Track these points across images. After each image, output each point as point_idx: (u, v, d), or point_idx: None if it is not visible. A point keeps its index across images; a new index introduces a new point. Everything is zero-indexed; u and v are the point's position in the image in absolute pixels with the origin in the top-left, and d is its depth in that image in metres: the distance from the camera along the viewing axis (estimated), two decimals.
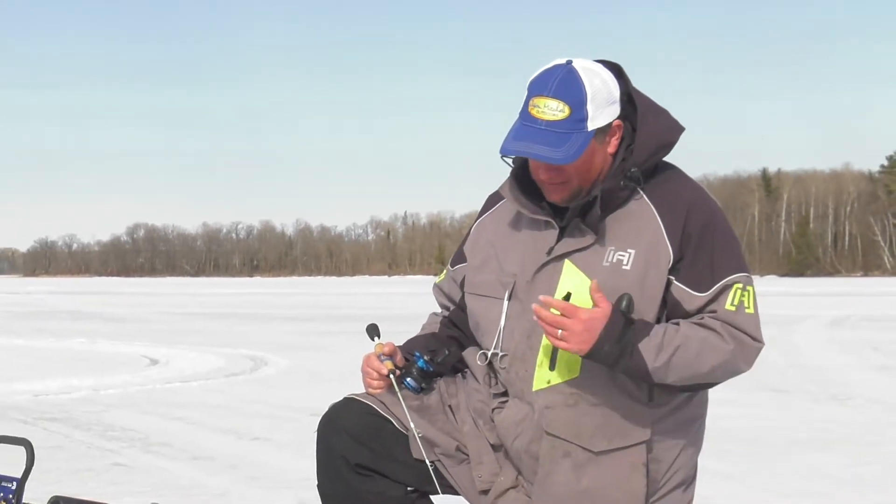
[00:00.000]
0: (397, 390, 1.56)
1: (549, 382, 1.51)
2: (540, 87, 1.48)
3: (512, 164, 1.57)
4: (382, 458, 1.55)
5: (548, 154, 1.45)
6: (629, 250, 1.49)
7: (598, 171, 1.51)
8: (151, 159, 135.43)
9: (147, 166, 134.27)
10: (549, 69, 1.49)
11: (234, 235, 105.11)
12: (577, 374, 1.50)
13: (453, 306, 1.69)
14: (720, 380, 1.52)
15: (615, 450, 1.50)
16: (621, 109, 1.51)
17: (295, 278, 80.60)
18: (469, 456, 1.57)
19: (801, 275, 61.52)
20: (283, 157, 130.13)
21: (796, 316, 14.31)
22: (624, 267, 1.48)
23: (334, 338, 10.83)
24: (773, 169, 72.72)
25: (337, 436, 1.56)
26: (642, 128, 1.51)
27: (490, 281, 1.57)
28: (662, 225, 1.49)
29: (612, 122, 1.50)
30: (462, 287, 1.64)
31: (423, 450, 1.54)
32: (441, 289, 1.71)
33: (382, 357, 1.59)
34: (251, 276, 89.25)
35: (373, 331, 1.64)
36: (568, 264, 1.51)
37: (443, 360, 1.62)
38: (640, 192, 1.52)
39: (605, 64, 1.53)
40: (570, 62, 1.49)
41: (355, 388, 1.65)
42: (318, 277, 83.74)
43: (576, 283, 1.50)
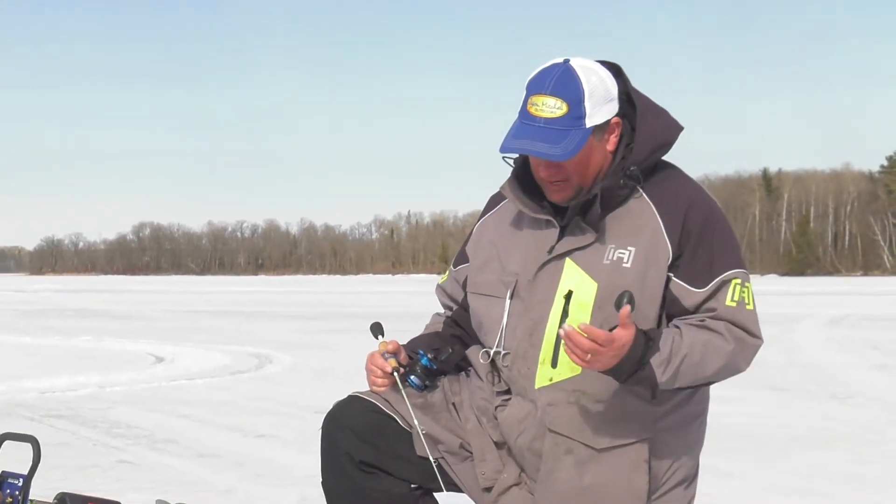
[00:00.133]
0: (401, 388, 1.57)
1: (551, 380, 1.52)
2: (538, 86, 1.49)
3: (513, 164, 1.58)
4: (386, 455, 1.56)
5: (546, 151, 1.46)
6: (629, 248, 1.50)
7: (598, 169, 1.52)
8: (157, 159, 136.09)
9: (153, 166, 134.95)
10: (546, 68, 1.50)
11: (239, 234, 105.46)
12: (579, 371, 1.51)
13: (456, 306, 1.70)
14: (720, 380, 1.53)
15: (617, 447, 1.51)
16: (620, 109, 1.52)
17: (299, 277, 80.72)
18: (472, 453, 1.58)
19: (802, 274, 61.69)
20: (287, 156, 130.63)
21: (796, 315, 14.30)
22: (624, 265, 1.49)
23: (339, 336, 10.84)
24: (773, 169, 73.25)
25: (341, 433, 1.57)
26: (641, 127, 1.52)
27: (492, 280, 1.58)
28: (662, 223, 1.50)
29: (610, 119, 1.51)
30: (464, 287, 1.66)
31: (427, 447, 1.55)
32: (444, 289, 1.72)
33: (386, 355, 1.60)
34: (256, 275, 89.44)
35: (377, 329, 1.65)
36: (569, 263, 1.52)
37: (446, 358, 1.63)
38: (640, 190, 1.53)
39: (604, 64, 1.54)
40: (567, 61, 1.50)
41: (360, 385, 1.66)
42: (323, 276, 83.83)
43: (577, 282, 1.51)
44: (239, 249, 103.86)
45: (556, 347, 1.51)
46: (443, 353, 1.63)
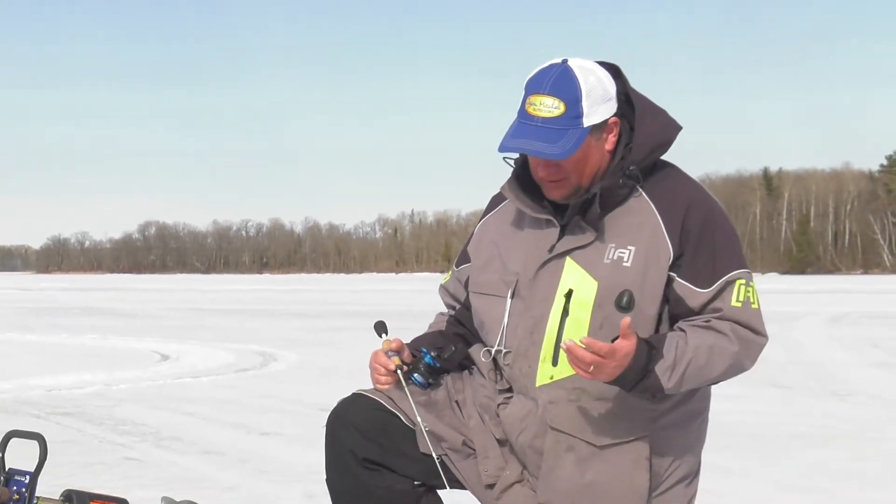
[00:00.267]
0: (405, 386, 1.58)
1: (552, 378, 1.53)
2: (536, 86, 1.50)
3: (513, 165, 1.59)
4: (390, 452, 1.57)
5: (544, 150, 1.47)
6: (629, 247, 1.51)
7: (596, 168, 1.53)
8: (162, 159, 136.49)
9: (158, 166, 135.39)
10: (544, 68, 1.51)
11: (243, 233, 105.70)
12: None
13: (459, 305, 1.71)
14: (726, 379, 1.54)
15: (618, 444, 1.52)
16: (619, 109, 1.53)
17: (304, 275, 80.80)
18: (475, 450, 1.59)
19: (802, 272, 61.94)
20: (292, 156, 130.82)
21: (797, 313, 14.29)
22: (625, 264, 1.50)
23: (343, 334, 10.86)
24: (774, 168, 73.56)
25: (345, 430, 1.58)
26: (640, 126, 1.53)
27: (493, 280, 1.59)
28: (662, 222, 1.51)
29: (608, 118, 1.52)
30: (466, 287, 1.67)
31: (430, 444, 1.56)
32: (446, 289, 1.73)
33: (390, 353, 1.61)
34: (261, 273, 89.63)
35: (380, 328, 1.66)
36: (569, 262, 1.52)
37: (449, 356, 1.64)
38: (640, 189, 1.53)
39: (602, 65, 1.54)
40: (565, 61, 1.51)
41: (364, 383, 1.67)
42: (327, 274, 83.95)
43: (577, 280, 1.51)
44: (244, 248, 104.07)
45: (557, 346, 1.52)
46: (446, 351, 1.64)
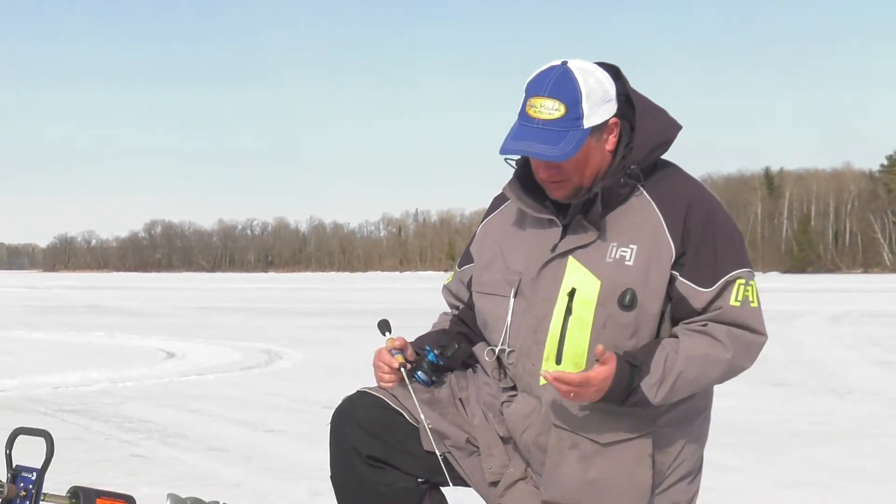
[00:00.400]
0: (408, 384, 1.59)
1: None
2: (536, 88, 1.51)
3: (514, 166, 1.60)
4: (394, 450, 1.58)
5: (545, 152, 1.48)
6: (631, 246, 1.51)
7: (597, 169, 1.54)
8: (168, 158, 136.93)
9: (164, 164, 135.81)
10: (544, 70, 1.52)
11: (249, 232, 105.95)
12: (582, 367, 1.52)
13: (462, 305, 1.72)
14: (722, 382, 1.55)
15: (621, 441, 1.53)
16: (619, 109, 1.54)
17: (309, 274, 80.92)
18: (479, 448, 1.60)
19: (803, 271, 62.19)
20: (297, 155, 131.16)
21: (798, 311, 14.31)
22: (627, 263, 1.51)
23: (347, 332, 10.88)
24: (775, 168, 73.79)
25: (350, 428, 1.59)
26: (640, 126, 1.54)
27: (496, 279, 1.60)
28: (663, 221, 1.52)
29: (608, 119, 1.52)
30: (469, 287, 1.68)
31: (434, 442, 1.57)
32: (450, 290, 1.74)
33: (394, 351, 1.62)
34: (266, 272, 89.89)
35: (384, 326, 1.67)
36: (572, 261, 1.53)
37: (453, 354, 1.65)
38: (641, 188, 1.54)
39: (602, 66, 1.55)
40: (565, 63, 1.52)
41: (368, 381, 1.68)
42: (331, 273, 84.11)
43: (580, 280, 1.52)
44: (249, 247, 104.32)
45: (560, 344, 1.53)
46: (449, 349, 1.65)
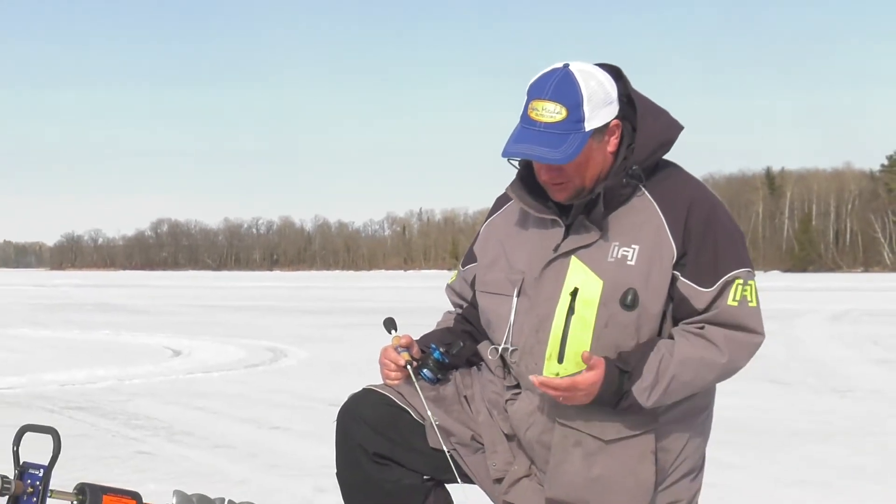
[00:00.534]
0: (414, 381, 1.60)
1: (558, 375, 1.54)
2: (538, 91, 1.52)
3: (517, 166, 1.60)
4: (400, 447, 1.59)
5: (546, 155, 1.49)
6: (633, 246, 1.52)
7: (599, 170, 1.55)
8: (175, 157, 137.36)
9: (171, 164, 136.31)
10: (546, 73, 1.53)
11: (254, 230, 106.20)
12: (585, 366, 1.53)
13: (466, 304, 1.73)
14: (718, 383, 1.57)
15: (625, 438, 1.53)
16: (621, 110, 1.55)
17: (313, 272, 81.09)
18: (484, 445, 1.61)
19: (804, 270, 62.41)
20: (302, 155, 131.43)
21: (798, 310, 14.34)
22: (629, 262, 1.52)
23: (352, 330, 10.90)
24: (776, 168, 73.90)
25: (356, 425, 1.60)
26: (642, 127, 1.55)
27: (499, 279, 1.61)
28: (665, 221, 1.53)
29: (609, 121, 1.53)
30: (473, 286, 1.69)
31: (441, 439, 1.58)
32: (453, 289, 1.75)
33: (399, 349, 1.63)
34: (271, 270, 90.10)
35: (390, 324, 1.68)
36: (574, 260, 1.54)
37: (458, 352, 1.66)
38: (643, 189, 1.55)
39: (604, 67, 1.56)
40: (566, 65, 1.53)
41: (374, 379, 1.69)
42: (336, 272, 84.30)
43: (582, 279, 1.53)
44: (254, 245, 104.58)
45: (563, 343, 1.54)
46: (454, 347, 1.66)
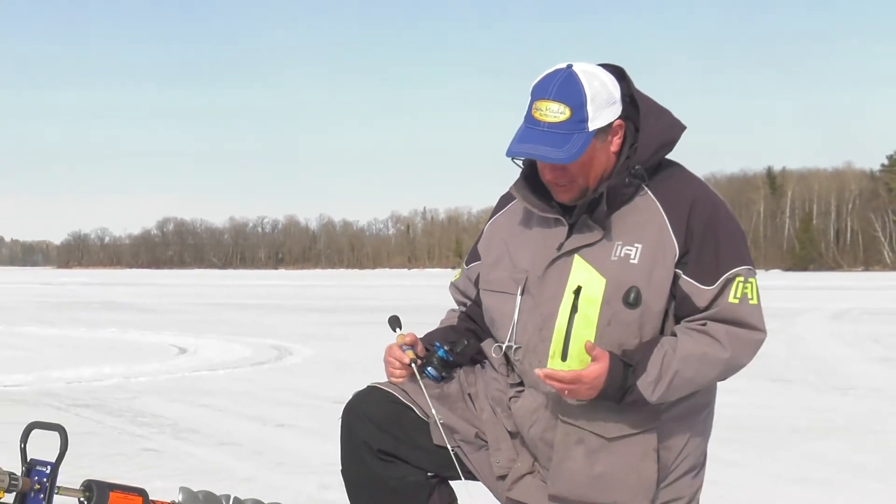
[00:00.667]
0: (418, 379, 1.61)
1: None
2: (542, 91, 1.53)
3: (521, 165, 1.61)
4: (404, 444, 1.60)
5: (550, 154, 1.50)
6: (636, 245, 1.53)
7: (602, 170, 1.56)
8: (181, 157, 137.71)
9: (176, 163, 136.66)
10: (550, 73, 1.54)
11: (259, 229, 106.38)
12: (587, 364, 1.53)
13: (470, 302, 1.74)
14: (721, 380, 1.57)
15: (627, 436, 1.54)
16: (624, 110, 1.56)
17: (318, 271, 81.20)
18: (487, 442, 1.62)
19: (805, 269, 62.48)
20: (307, 154, 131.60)
21: (799, 309, 14.37)
22: (632, 261, 1.53)
23: (357, 328, 10.93)
24: (777, 167, 73.99)
25: (360, 422, 1.61)
26: (645, 127, 1.56)
27: (503, 277, 1.62)
28: (667, 220, 1.54)
29: (612, 121, 1.54)
30: (476, 284, 1.70)
31: (445, 436, 1.59)
32: (457, 287, 1.76)
33: (404, 347, 1.64)
34: (276, 269, 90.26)
35: (394, 322, 1.69)
36: (577, 259, 1.55)
37: (462, 350, 1.67)
38: (645, 188, 1.56)
39: (607, 67, 1.57)
40: (570, 66, 1.54)
41: (378, 377, 1.70)
42: (341, 270, 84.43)
43: (585, 278, 1.54)
44: (260, 244, 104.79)
45: (566, 341, 1.55)
46: (458, 345, 1.67)
